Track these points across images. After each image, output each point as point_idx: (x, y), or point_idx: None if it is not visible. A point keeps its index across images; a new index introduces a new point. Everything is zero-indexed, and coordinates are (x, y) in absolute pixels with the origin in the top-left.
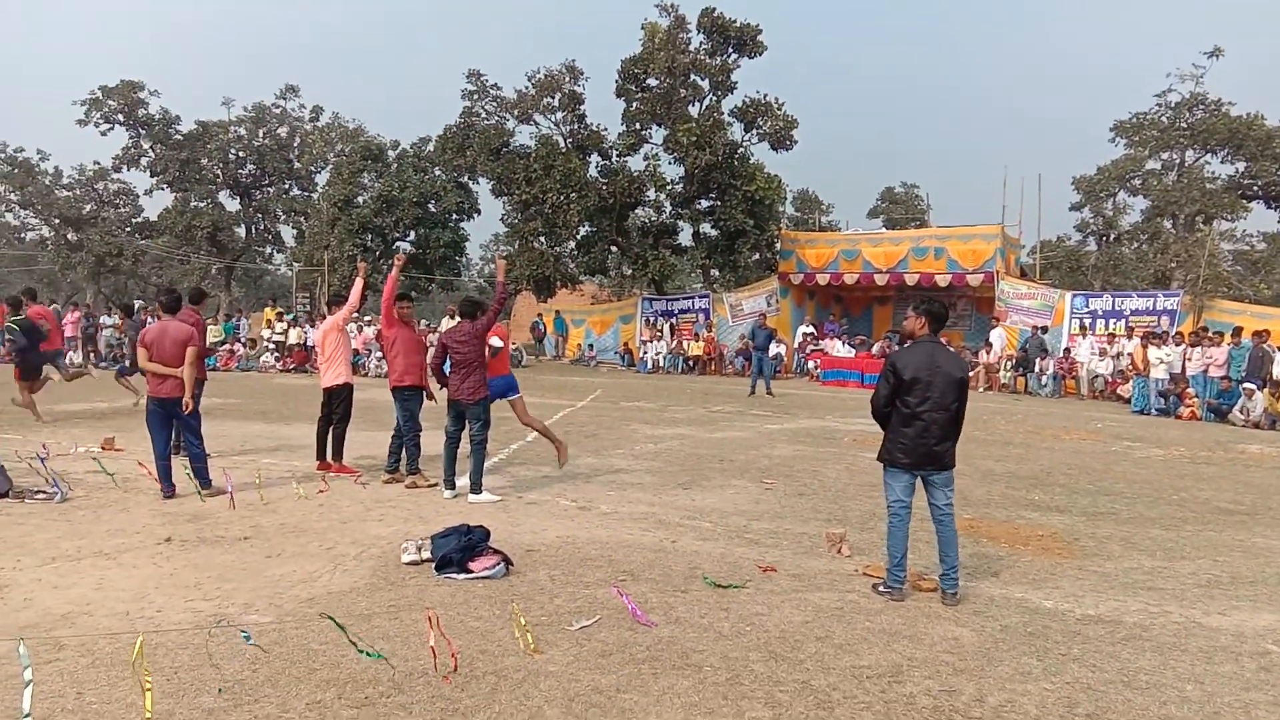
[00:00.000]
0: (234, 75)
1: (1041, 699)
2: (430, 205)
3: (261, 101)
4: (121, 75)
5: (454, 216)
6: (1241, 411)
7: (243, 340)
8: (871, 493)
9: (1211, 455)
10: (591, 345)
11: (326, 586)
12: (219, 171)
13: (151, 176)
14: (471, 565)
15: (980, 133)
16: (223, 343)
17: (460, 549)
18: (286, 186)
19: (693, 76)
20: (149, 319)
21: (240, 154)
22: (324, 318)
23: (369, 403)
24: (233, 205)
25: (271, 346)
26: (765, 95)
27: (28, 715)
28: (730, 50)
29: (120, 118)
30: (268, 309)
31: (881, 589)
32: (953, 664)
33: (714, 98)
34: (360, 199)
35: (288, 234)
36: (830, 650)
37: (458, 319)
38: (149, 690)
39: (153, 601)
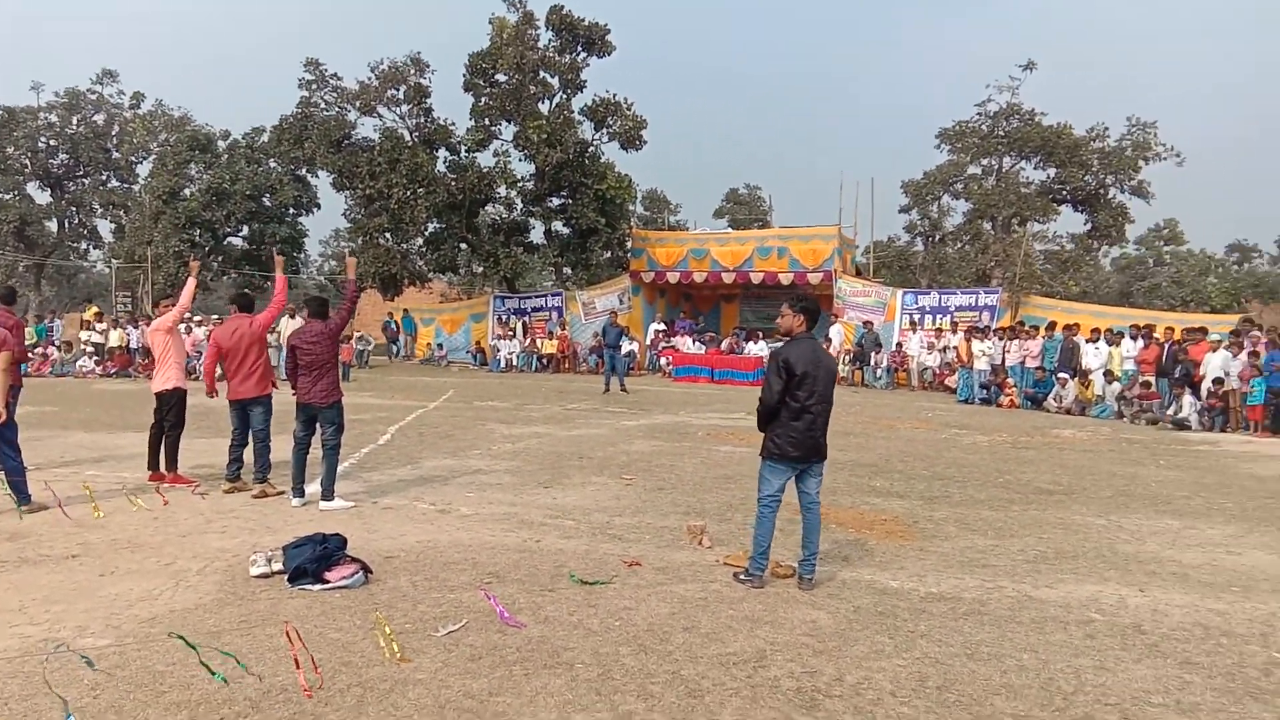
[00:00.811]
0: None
1: (895, 675)
2: (265, 199)
3: (75, 87)
4: None
5: (291, 211)
6: (1055, 399)
7: (56, 343)
8: (727, 485)
9: (1030, 440)
10: (441, 345)
11: (169, 604)
12: (27, 161)
13: None
14: (328, 575)
15: (818, 136)
16: (34, 346)
17: (315, 558)
18: (104, 177)
19: (542, 74)
20: None
21: (51, 142)
22: (148, 319)
23: (204, 408)
24: (43, 198)
25: (90, 350)
26: (614, 95)
27: None
28: (579, 49)
29: None
30: (87, 308)
31: (743, 577)
32: (812, 646)
33: (564, 96)
34: (187, 191)
35: (105, 229)
36: (697, 640)
37: (300, 319)
38: None
39: None
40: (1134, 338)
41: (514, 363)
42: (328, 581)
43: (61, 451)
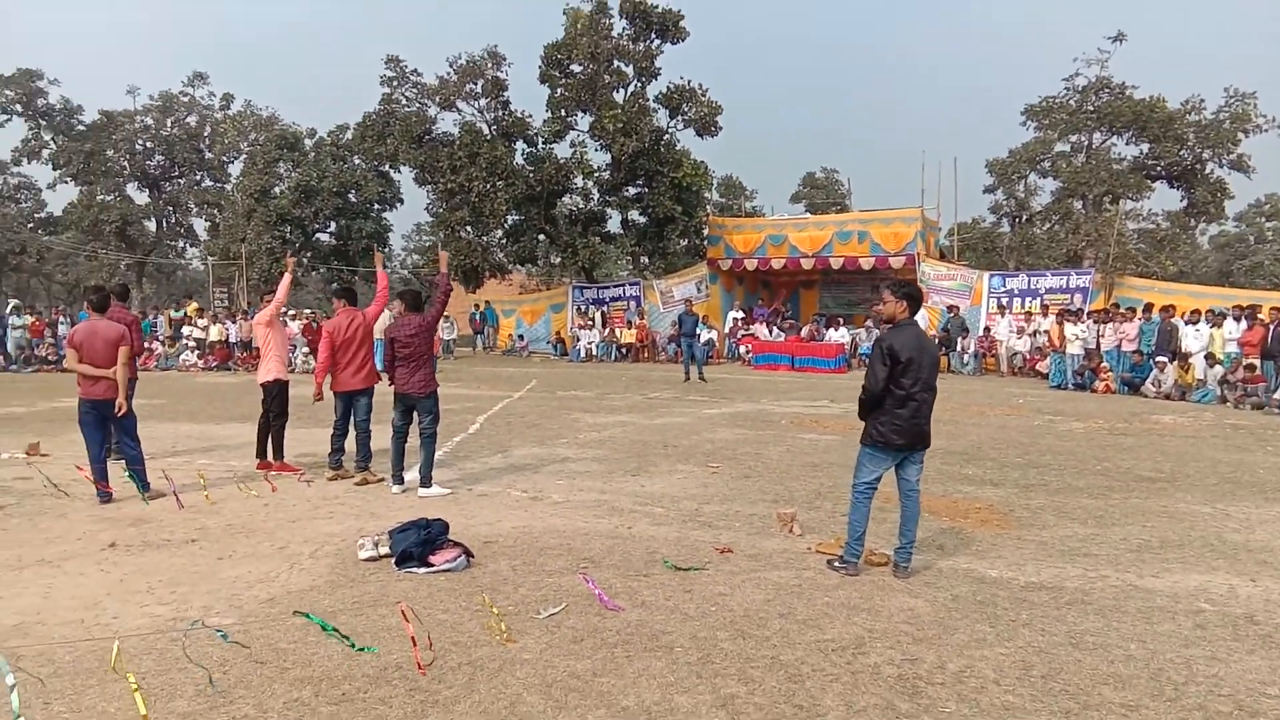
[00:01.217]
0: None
1: (998, 663)
2: (350, 195)
3: (169, 90)
4: (16, 64)
5: (375, 206)
6: (1153, 384)
7: (160, 338)
8: (814, 472)
9: (1129, 426)
10: (522, 335)
11: (285, 586)
12: (126, 163)
13: (54, 169)
14: (432, 559)
15: (897, 117)
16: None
17: (420, 543)
18: (198, 177)
19: (616, 63)
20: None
21: (148, 144)
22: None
23: (303, 398)
24: (141, 198)
25: (192, 344)
26: (689, 81)
27: (19, 716)
28: (653, 36)
29: (18, 108)
30: (188, 305)
31: (837, 564)
32: (911, 634)
33: (639, 84)
34: (277, 189)
35: (200, 227)
36: (794, 626)
37: (394, 312)
38: (138, 691)
39: (106, 608)
40: (1236, 319)
41: (594, 352)
42: (432, 565)
43: (173, 442)
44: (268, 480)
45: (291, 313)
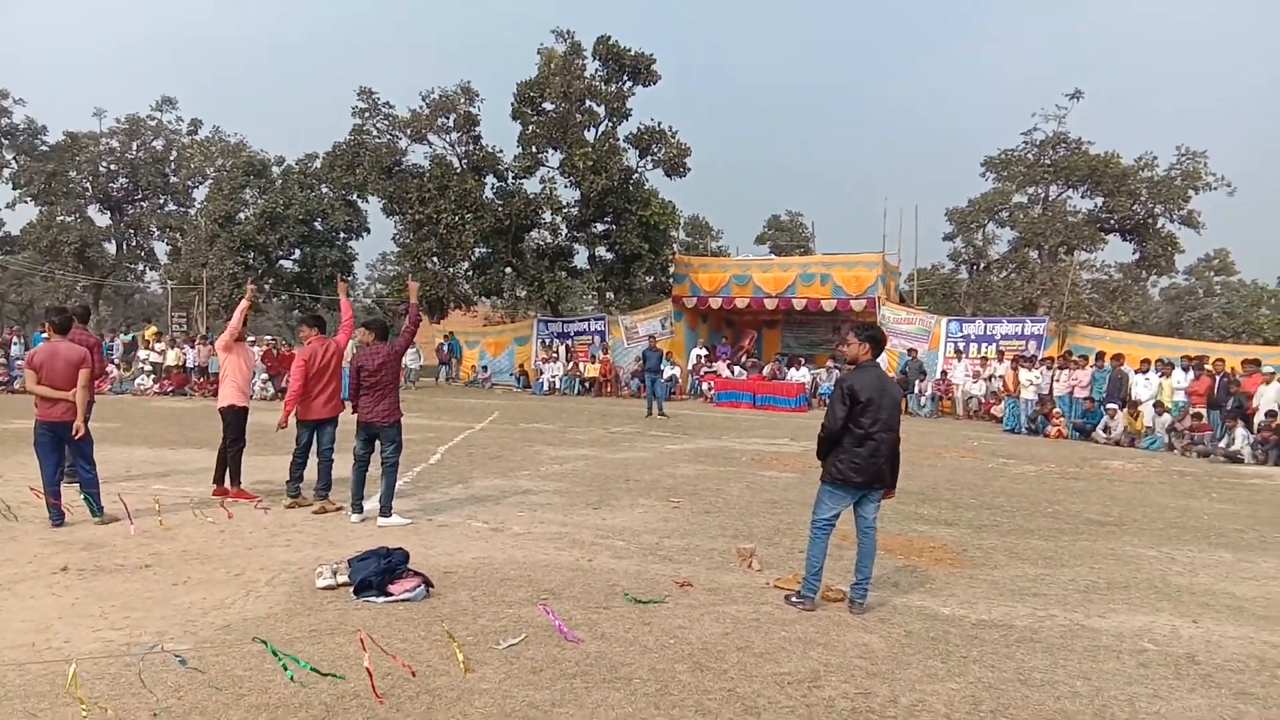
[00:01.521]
0: (105, 86)
1: (949, 698)
2: (316, 223)
3: (136, 113)
4: None
5: (341, 235)
6: (1104, 430)
7: (116, 361)
8: (774, 509)
9: (1079, 471)
10: (485, 367)
11: (241, 613)
12: (88, 185)
13: (14, 189)
14: (391, 588)
15: (861, 163)
16: None
17: (379, 571)
18: (161, 201)
19: (588, 102)
20: None
21: (112, 167)
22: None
23: (258, 426)
24: (103, 220)
25: (148, 368)
26: (659, 123)
27: None
28: (625, 78)
29: None
30: (146, 328)
31: (794, 600)
32: (865, 668)
33: (609, 124)
34: (242, 215)
35: (161, 251)
36: (751, 659)
37: (360, 341)
38: (86, 716)
39: (58, 633)
40: (1185, 369)
41: (557, 386)
42: (391, 594)
43: (127, 466)
44: (224, 507)
45: (252, 339)
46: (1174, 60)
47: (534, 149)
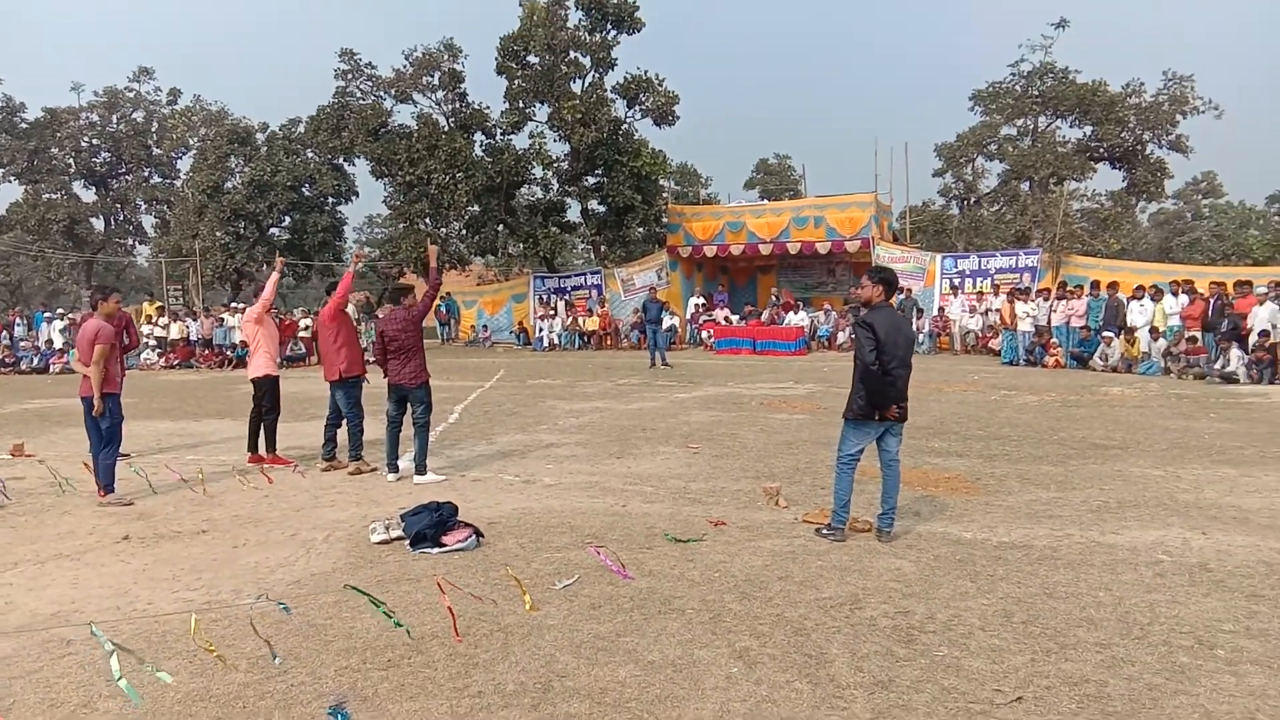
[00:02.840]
0: (79, 59)
1: (982, 613)
2: (305, 189)
3: (114, 86)
4: None
5: (330, 200)
6: (1101, 358)
7: None
8: (790, 450)
9: (1080, 398)
10: (485, 325)
11: (307, 569)
12: (71, 161)
13: None
14: (445, 539)
15: (847, 103)
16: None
17: (432, 524)
18: (146, 174)
19: (573, 53)
20: None
21: (94, 141)
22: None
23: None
24: (88, 196)
25: (153, 343)
26: (646, 71)
27: (120, 678)
28: (609, 27)
29: None
30: (146, 304)
31: (825, 532)
32: (901, 590)
33: (596, 75)
34: (229, 185)
35: (149, 224)
36: (793, 587)
37: (386, 307)
38: (220, 657)
39: (138, 595)
40: (1177, 294)
41: (557, 341)
42: (445, 545)
43: (156, 440)
44: (264, 473)
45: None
46: None
47: (521, 104)
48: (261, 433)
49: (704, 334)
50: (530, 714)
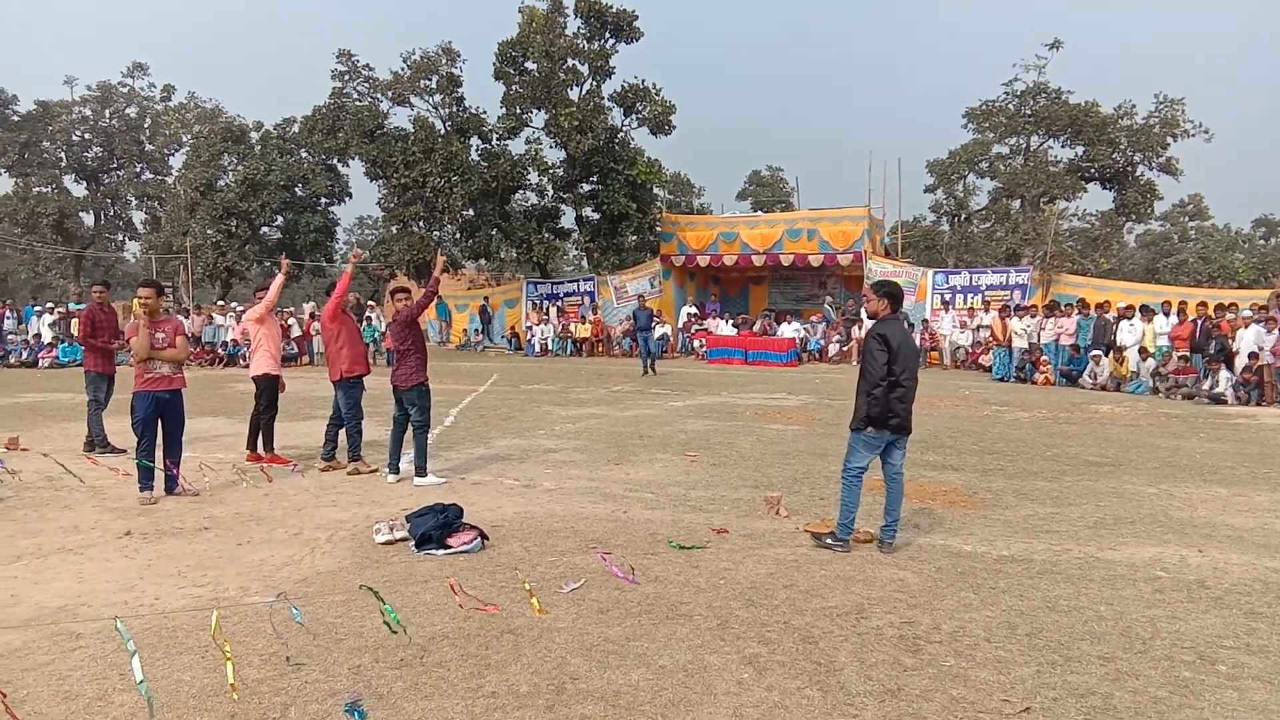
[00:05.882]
0: (73, 53)
1: (986, 624)
2: (298, 189)
3: (107, 80)
4: None
5: (323, 200)
6: (1090, 376)
7: None
8: (787, 460)
9: (1071, 415)
10: (478, 329)
11: (313, 568)
12: (63, 155)
13: None
14: (450, 541)
15: (841, 118)
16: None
17: (438, 526)
18: (138, 170)
19: (571, 61)
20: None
21: (86, 136)
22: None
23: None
24: (79, 190)
25: None
26: (643, 81)
27: (141, 682)
28: (608, 35)
29: None
30: (135, 300)
31: (830, 542)
32: (905, 600)
33: (593, 82)
34: (221, 182)
35: (139, 220)
36: (799, 595)
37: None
38: (230, 660)
39: (145, 590)
40: (1166, 314)
41: (549, 347)
42: (450, 547)
43: None
44: (263, 471)
45: (240, 309)
46: (1150, 6)
47: (518, 110)
48: (260, 432)
49: (696, 343)
50: (545, 715)
